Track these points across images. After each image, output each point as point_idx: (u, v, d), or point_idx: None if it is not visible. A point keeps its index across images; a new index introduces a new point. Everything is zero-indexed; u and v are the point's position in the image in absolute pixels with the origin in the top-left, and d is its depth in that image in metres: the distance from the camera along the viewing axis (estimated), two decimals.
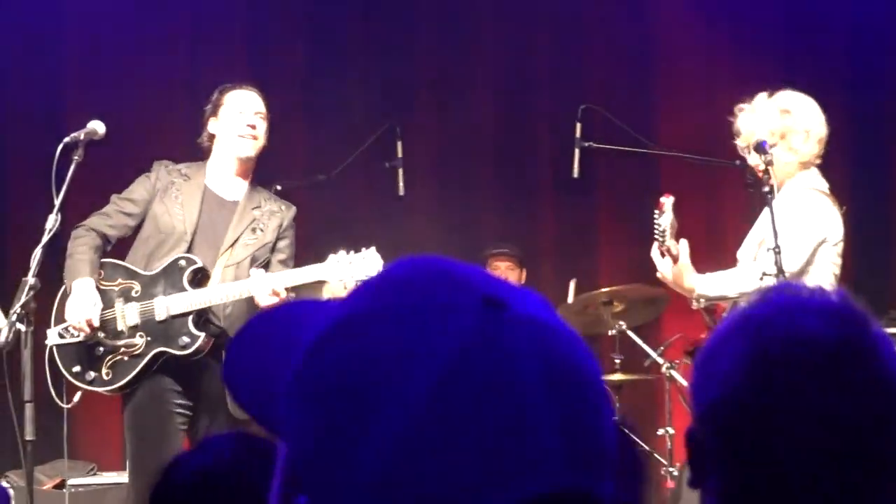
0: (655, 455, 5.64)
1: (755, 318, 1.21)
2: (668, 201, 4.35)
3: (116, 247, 4.67)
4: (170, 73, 6.73)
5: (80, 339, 4.45)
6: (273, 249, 4.63)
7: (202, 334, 4.42)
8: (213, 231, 4.58)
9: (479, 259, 6.61)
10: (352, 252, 4.45)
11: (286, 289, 4.36)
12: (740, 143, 4.39)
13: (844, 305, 1.21)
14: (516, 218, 6.89)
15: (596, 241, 6.93)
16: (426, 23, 7.00)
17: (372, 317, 0.82)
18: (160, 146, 5.57)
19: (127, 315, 4.48)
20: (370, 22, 6.99)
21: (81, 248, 4.52)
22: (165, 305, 4.45)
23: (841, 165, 5.55)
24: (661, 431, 5.51)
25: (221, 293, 4.43)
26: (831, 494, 1.16)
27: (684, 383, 5.22)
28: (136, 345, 4.45)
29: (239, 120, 4.65)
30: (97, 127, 4.34)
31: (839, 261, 4.32)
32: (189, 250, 4.51)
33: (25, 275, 4.17)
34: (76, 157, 4.28)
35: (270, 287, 4.32)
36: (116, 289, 4.51)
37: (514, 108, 6.96)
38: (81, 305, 4.42)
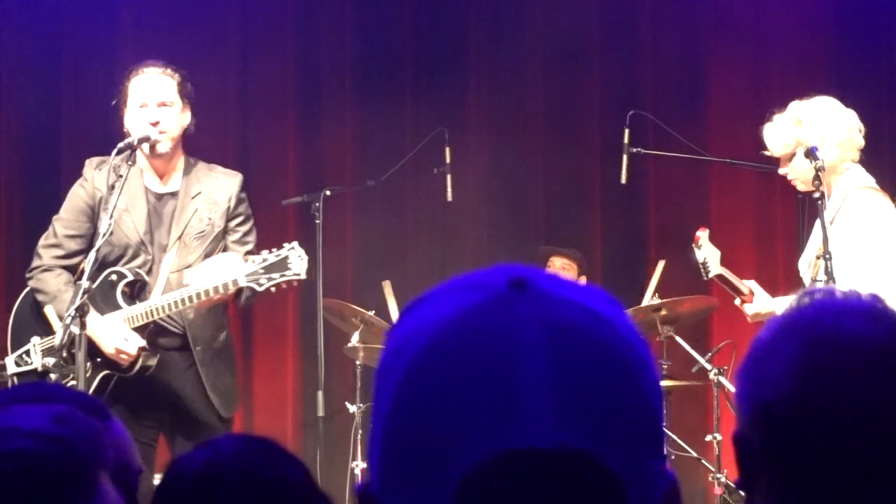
0: (703, 461, 5.64)
1: (803, 321, 1.22)
2: (703, 234, 4.38)
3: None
4: (223, 80, 6.78)
5: (33, 366, 4.23)
6: (226, 232, 4.31)
7: (143, 352, 4.15)
8: (165, 232, 4.29)
9: (535, 257, 6.62)
10: (273, 250, 4.06)
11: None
12: (767, 153, 4.40)
13: (883, 308, 1.22)
14: (564, 224, 6.89)
15: (645, 247, 6.92)
16: (475, 29, 7.02)
17: (418, 301, 0.89)
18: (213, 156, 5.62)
19: (57, 336, 4.05)
20: (420, 28, 7.02)
21: (60, 286, 4.27)
22: (107, 324, 4.15)
23: (889, 163, 5.50)
24: (708, 437, 5.49)
25: (157, 305, 4.13)
26: (884, 493, 1.17)
27: (732, 389, 5.21)
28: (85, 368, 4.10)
29: (141, 117, 4.24)
30: (150, 132, 4.25)
31: None
32: (151, 261, 4.24)
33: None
34: (129, 162, 4.23)
35: (203, 292, 4.03)
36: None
37: (563, 114, 6.95)
38: (112, 342, 4.14)
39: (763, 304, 4.33)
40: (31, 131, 6.79)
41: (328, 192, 5.25)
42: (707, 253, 4.36)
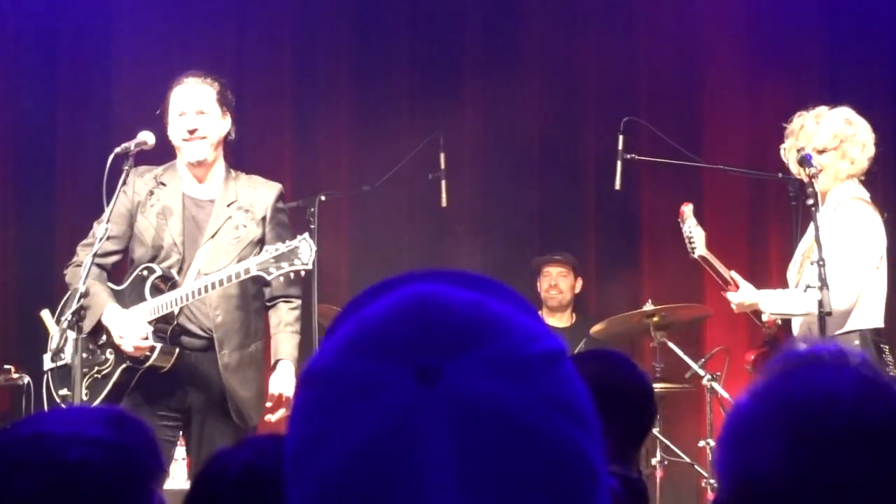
0: (696, 467, 5.66)
1: (793, 404, 1.19)
2: (687, 209, 4.47)
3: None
4: None
5: (66, 361, 4.31)
6: (263, 239, 4.38)
7: (159, 345, 4.22)
8: (199, 236, 4.38)
9: (530, 266, 6.65)
10: (287, 241, 4.15)
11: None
12: (798, 142, 4.46)
13: (873, 379, 1.20)
14: (559, 229, 6.91)
15: (638, 253, 6.94)
16: (470, 34, 7.04)
17: (323, 378, 0.84)
18: None
19: (96, 332, 4.27)
20: (416, 34, 7.04)
21: (88, 286, 4.30)
22: (122, 316, 4.24)
23: (883, 176, 5.54)
24: (701, 443, 5.51)
25: (176, 295, 4.22)
26: None
27: (725, 395, 5.25)
28: (106, 361, 4.26)
29: (180, 125, 4.37)
30: (147, 137, 4.31)
31: (885, 265, 4.41)
32: (182, 261, 4.33)
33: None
34: (126, 167, 4.28)
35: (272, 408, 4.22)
36: None
37: (557, 121, 6.98)
38: (122, 331, 4.23)
39: (747, 295, 4.43)
40: (26, 133, 6.80)
41: (323, 197, 5.26)
42: (692, 229, 4.45)
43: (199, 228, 4.37)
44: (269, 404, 4.30)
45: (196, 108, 4.37)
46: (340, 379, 0.81)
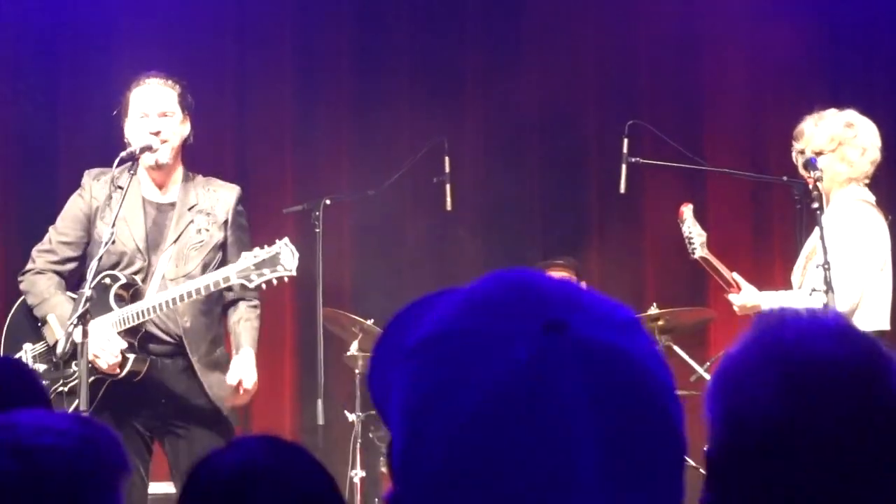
0: (701, 471, 5.64)
1: (780, 345, 1.27)
2: (686, 209, 4.47)
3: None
4: (220, 90, 6.80)
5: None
6: (224, 243, 4.30)
7: (132, 356, 4.14)
8: (161, 241, 4.29)
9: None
10: (265, 247, 4.06)
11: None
12: (799, 145, 4.48)
13: (849, 328, 1.30)
14: (563, 233, 6.91)
15: (642, 257, 6.94)
16: (473, 39, 7.04)
17: (444, 338, 0.88)
18: (210, 165, 5.62)
19: (60, 344, 4.08)
20: (418, 38, 7.04)
21: (49, 288, 4.31)
22: (93, 328, 4.07)
23: (887, 178, 5.54)
24: (706, 447, 5.50)
25: (148, 305, 4.13)
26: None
27: None
28: (73, 373, 4.11)
29: (141, 127, 4.27)
30: (152, 141, 4.28)
31: (890, 268, 4.41)
32: (148, 267, 4.24)
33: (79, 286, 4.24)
34: (131, 172, 4.25)
35: (240, 390, 4.11)
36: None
37: (561, 124, 6.97)
38: (97, 348, 4.09)
39: (750, 297, 4.43)
40: (29, 138, 6.81)
41: (328, 202, 5.27)
42: (692, 230, 4.44)
43: (160, 233, 4.29)
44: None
45: (159, 110, 4.28)
46: (462, 336, 0.87)
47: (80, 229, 4.34)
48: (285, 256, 3.96)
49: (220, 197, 4.36)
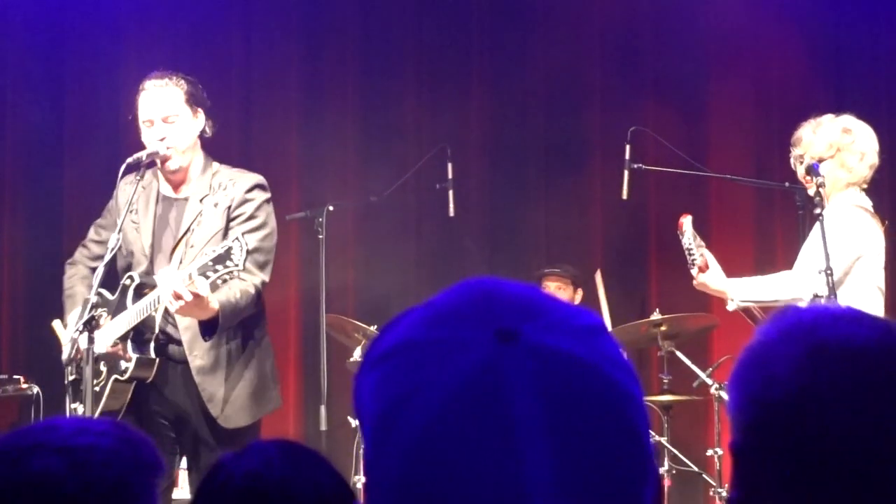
0: (704, 476, 5.66)
1: (802, 327, 1.27)
2: (686, 221, 4.46)
3: None
4: (225, 95, 6.81)
5: (75, 376, 4.21)
6: (226, 233, 4.16)
7: (135, 356, 4.11)
8: (169, 237, 4.24)
9: (531, 280, 6.65)
10: (221, 243, 3.96)
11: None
12: (797, 151, 4.49)
13: (866, 314, 1.30)
14: (565, 239, 6.92)
15: (645, 263, 6.95)
16: (478, 45, 7.06)
17: (403, 348, 0.88)
18: None
19: (64, 351, 4.17)
20: (423, 46, 7.06)
21: (74, 280, 4.36)
22: (110, 330, 4.11)
23: (888, 184, 5.56)
24: (709, 452, 5.51)
25: (138, 308, 4.07)
26: (892, 484, 1.21)
27: None
28: (101, 374, 4.14)
29: (148, 135, 4.23)
30: (159, 147, 4.22)
31: (882, 274, 4.40)
32: (151, 265, 4.20)
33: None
34: (138, 177, 4.24)
35: (171, 290, 3.85)
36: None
37: (564, 130, 6.99)
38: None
39: (715, 280, 4.41)
40: (35, 142, 6.83)
41: (331, 208, 5.28)
42: (691, 242, 4.43)
43: (167, 228, 4.24)
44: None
45: (162, 115, 4.20)
46: (422, 345, 0.87)
47: (110, 229, 4.32)
48: (235, 251, 3.84)
49: (235, 184, 4.25)
